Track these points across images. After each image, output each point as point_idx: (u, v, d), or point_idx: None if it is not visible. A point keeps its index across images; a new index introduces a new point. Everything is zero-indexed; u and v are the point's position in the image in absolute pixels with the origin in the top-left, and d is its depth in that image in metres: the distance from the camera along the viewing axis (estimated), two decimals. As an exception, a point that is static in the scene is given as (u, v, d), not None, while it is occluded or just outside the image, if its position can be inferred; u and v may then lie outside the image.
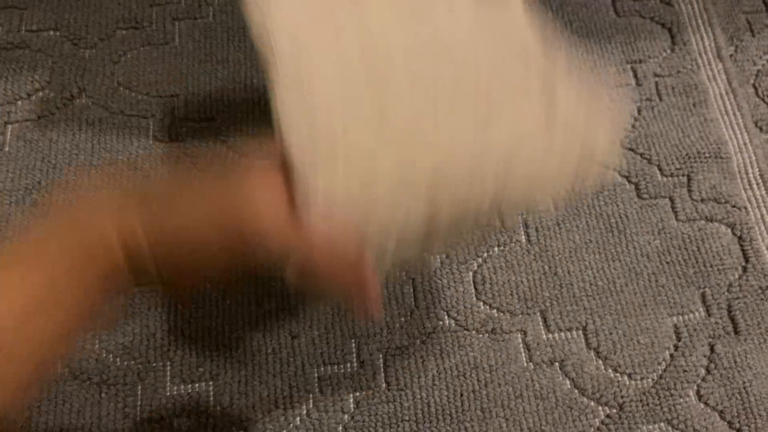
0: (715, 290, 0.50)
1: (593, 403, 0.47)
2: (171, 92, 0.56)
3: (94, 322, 0.30)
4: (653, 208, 0.53)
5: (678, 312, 0.50)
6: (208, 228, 0.30)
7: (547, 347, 0.48)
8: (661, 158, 0.55)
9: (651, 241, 0.52)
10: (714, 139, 0.56)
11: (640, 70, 0.59)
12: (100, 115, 0.55)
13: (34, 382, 0.28)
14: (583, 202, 0.53)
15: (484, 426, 0.46)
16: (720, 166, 0.55)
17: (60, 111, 0.55)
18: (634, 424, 0.46)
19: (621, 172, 0.55)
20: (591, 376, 0.47)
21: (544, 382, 0.47)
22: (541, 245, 0.52)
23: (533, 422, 0.46)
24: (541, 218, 0.52)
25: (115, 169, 0.53)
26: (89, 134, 0.54)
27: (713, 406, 0.47)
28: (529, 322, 0.49)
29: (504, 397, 0.47)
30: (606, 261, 0.51)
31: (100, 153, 0.54)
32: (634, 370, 0.48)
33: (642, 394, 0.47)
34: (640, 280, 0.51)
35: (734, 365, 0.48)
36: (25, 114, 0.55)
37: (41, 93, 0.56)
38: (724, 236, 0.52)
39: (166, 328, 0.48)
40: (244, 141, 0.54)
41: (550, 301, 0.50)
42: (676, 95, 0.58)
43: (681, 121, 0.57)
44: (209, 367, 0.47)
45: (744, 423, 0.46)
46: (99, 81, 0.56)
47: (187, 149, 0.54)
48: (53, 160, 0.53)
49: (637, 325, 0.49)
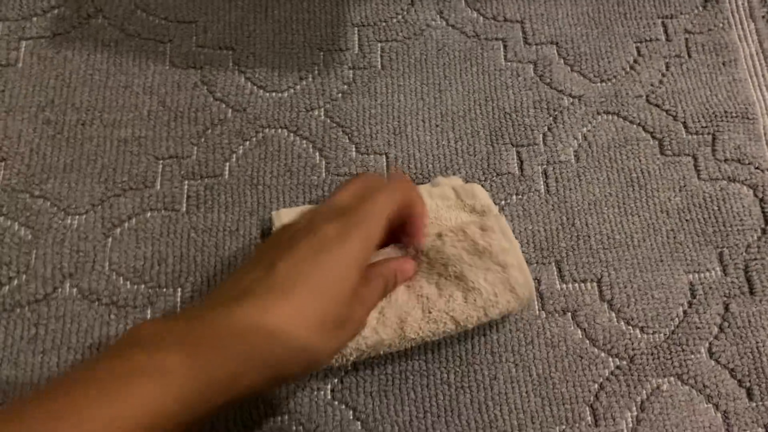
0: (732, 250, 0.50)
1: (603, 354, 0.47)
2: (190, 18, 0.55)
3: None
4: (676, 165, 0.52)
5: (694, 269, 0.49)
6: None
7: (560, 297, 0.48)
8: (687, 115, 0.54)
9: (671, 197, 0.51)
10: (741, 99, 0.55)
11: (671, 25, 0.58)
12: (117, 37, 0.53)
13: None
14: (605, 156, 0.52)
15: (493, 369, 0.45)
16: (746, 126, 0.54)
17: (75, 30, 0.53)
18: (644, 376, 0.46)
19: (646, 128, 0.53)
20: (603, 328, 0.47)
21: (555, 330, 0.47)
22: (560, 196, 0.51)
23: (542, 369, 0.46)
24: (561, 169, 0.51)
25: (130, 92, 0.52)
26: (105, 55, 0.53)
27: (724, 364, 0.46)
28: (544, 272, 0.49)
29: (515, 342, 0.46)
30: (625, 215, 0.51)
31: (116, 75, 0.52)
32: (646, 323, 0.47)
33: (653, 348, 0.47)
34: (658, 236, 0.50)
35: (748, 325, 0.48)
36: (40, 31, 0.53)
37: (57, 11, 0.54)
38: (745, 197, 0.52)
39: (178, 254, 0.47)
40: (263, 72, 0.53)
41: (567, 251, 0.49)
42: (706, 53, 0.57)
43: (709, 80, 0.56)
44: (220, 295, 0.46)
45: (755, 382, 0.46)
46: (116, 2, 0.54)
47: (204, 77, 0.53)
48: (67, 78, 0.52)
49: (652, 280, 0.49)
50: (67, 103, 0.51)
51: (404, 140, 0.52)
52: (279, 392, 0.44)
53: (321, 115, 0.52)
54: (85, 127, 0.50)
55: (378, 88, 0.54)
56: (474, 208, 0.46)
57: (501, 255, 0.42)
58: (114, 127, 0.50)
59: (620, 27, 0.57)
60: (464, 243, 0.42)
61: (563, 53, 0.56)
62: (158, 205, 0.48)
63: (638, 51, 0.56)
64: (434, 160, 0.51)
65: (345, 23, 0.56)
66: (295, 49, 0.54)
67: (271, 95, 0.53)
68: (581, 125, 0.53)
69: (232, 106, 0.52)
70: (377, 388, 0.44)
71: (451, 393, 0.45)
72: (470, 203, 0.46)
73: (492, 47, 0.56)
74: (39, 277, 0.45)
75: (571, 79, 0.55)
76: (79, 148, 0.50)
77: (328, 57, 0.54)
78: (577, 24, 0.57)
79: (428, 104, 0.53)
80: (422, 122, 0.53)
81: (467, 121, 0.53)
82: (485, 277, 0.42)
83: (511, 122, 0.53)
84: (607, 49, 0.56)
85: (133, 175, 0.49)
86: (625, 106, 0.54)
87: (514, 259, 0.42)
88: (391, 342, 0.41)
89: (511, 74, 0.55)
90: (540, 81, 0.55)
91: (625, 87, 0.55)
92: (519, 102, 0.54)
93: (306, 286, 0.30)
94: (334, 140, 0.52)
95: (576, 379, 0.46)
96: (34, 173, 0.48)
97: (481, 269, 0.42)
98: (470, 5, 0.57)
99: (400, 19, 0.56)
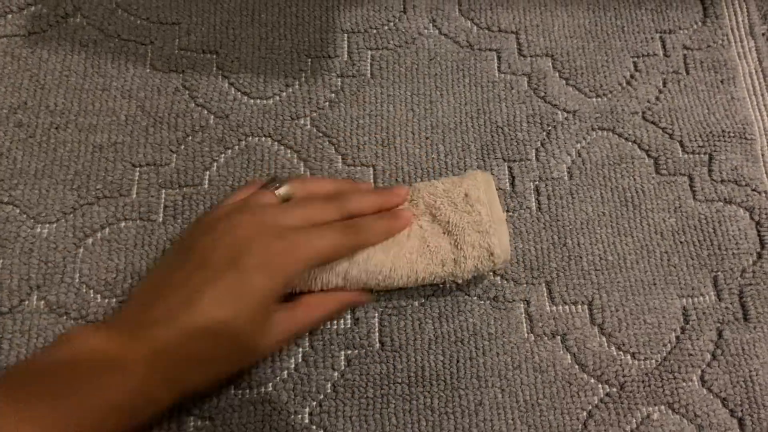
0: (727, 274, 0.48)
1: (593, 380, 0.45)
2: (173, 20, 0.52)
3: None
4: (671, 185, 0.51)
5: (688, 294, 0.48)
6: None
7: (549, 319, 0.46)
8: (683, 134, 0.52)
9: (666, 218, 0.50)
10: (740, 118, 0.54)
11: (669, 40, 0.56)
12: (95, 37, 0.51)
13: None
14: (599, 173, 0.51)
15: (479, 395, 0.44)
16: (744, 147, 0.53)
17: (52, 29, 0.51)
18: (634, 404, 0.44)
19: (641, 146, 0.52)
20: (593, 353, 0.45)
21: (544, 354, 0.45)
22: (551, 214, 0.49)
23: (530, 395, 0.44)
24: (554, 186, 0.50)
25: (107, 96, 0.49)
26: (82, 56, 0.50)
27: (716, 393, 0.45)
28: (534, 293, 0.47)
29: (502, 366, 0.45)
30: (618, 236, 0.49)
31: (93, 77, 0.50)
32: (638, 349, 0.46)
33: (644, 375, 0.45)
34: (651, 258, 0.49)
35: (741, 353, 0.46)
36: (14, 29, 0.51)
37: (33, 8, 0.51)
38: (741, 220, 0.50)
39: (152, 266, 0.45)
40: (248, 78, 0.51)
41: (557, 272, 0.48)
42: (704, 70, 0.55)
43: (707, 98, 0.54)
44: (195, 311, 0.44)
45: (747, 412, 0.45)
46: (96, 1, 0.52)
47: (186, 82, 0.51)
48: (42, 80, 0.49)
49: (644, 304, 0.47)
50: (41, 106, 0.49)
51: (392, 152, 0.50)
52: (254, 415, 0.42)
53: (307, 124, 0.51)
54: (59, 131, 0.48)
55: (367, 98, 0.52)
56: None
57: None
58: (89, 132, 0.48)
59: (617, 41, 0.56)
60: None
61: (558, 66, 0.54)
62: (133, 215, 0.46)
63: (635, 66, 0.55)
64: (423, 173, 0.50)
65: (334, 29, 0.54)
66: (281, 54, 0.52)
67: (255, 102, 0.51)
68: (575, 141, 0.52)
69: (214, 113, 0.50)
70: (357, 412, 0.43)
71: (435, 419, 0.43)
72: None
73: (485, 58, 0.54)
74: (5, 289, 0.43)
75: (566, 93, 0.53)
76: (52, 153, 0.47)
77: (315, 64, 0.53)
78: (573, 36, 0.56)
79: (418, 115, 0.52)
80: (412, 134, 0.51)
81: (458, 134, 0.51)
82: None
83: (504, 136, 0.51)
84: (604, 63, 0.55)
85: (108, 183, 0.47)
86: (621, 122, 0.53)
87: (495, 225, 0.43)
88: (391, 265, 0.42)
89: (505, 87, 0.53)
90: (534, 94, 0.53)
91: (621, 103, 0.53)
92: (512, 116, 0.52)
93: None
94: (320, 150, 0.50)
95: (564, 406, 0.44)
96: (3, 178, 0.46)
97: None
98: (464, 14, 0.56)
99: (391, 26, 0.55)
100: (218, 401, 0.42)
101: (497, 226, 0.43)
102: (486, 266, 0.43)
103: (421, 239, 0.42)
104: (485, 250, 0.42)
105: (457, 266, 0.42)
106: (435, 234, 0.42)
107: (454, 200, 0.43)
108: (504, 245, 0.42)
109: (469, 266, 0.42)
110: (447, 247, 0.42)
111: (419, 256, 0.42)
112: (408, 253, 0.42)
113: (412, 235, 0.42)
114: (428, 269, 0.42)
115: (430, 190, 0.44)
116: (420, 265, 0.42)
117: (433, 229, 0.43)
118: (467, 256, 0.42)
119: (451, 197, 0.43)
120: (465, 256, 0.42)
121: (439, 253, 0.42)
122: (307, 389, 0.43)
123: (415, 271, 0.42)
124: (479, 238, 0.42)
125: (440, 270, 0.42)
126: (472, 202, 0.43)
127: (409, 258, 0.42)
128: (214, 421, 0.41)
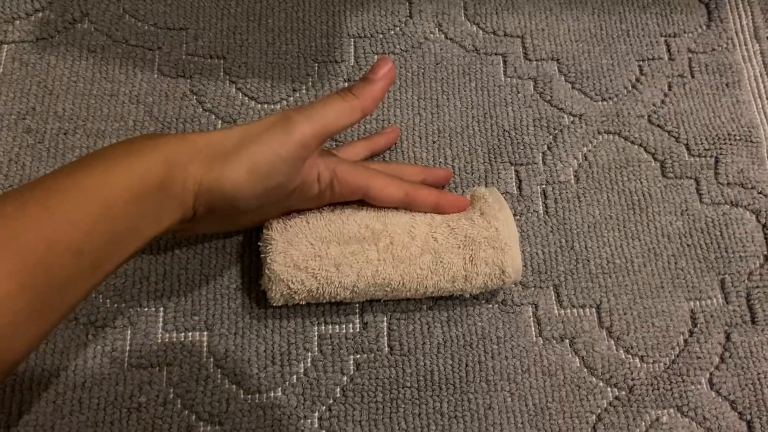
0: (735, 277, 0.48)
1: (602, 384, 0.45)
2: (180, 25, 0.53)
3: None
4: (678, 188, 0.51)
5: (696, 297, 0.48)
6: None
7: (558, 323, 0.46)
8: (689, 137, 0.53)
9: (673, 221, 0.50)
10: (745, 122, 0.54)
11: (674, 44, 0.56)
12: (103, 43, 0.51)
13: (81, 301, 0.32)
14: (606, 177, 0.51)
15: (488, 398, 0.44)
16: (749, 150, 0.53)
17: (60, 35, 0.51)
18: (643, 407, 0.44)
19: (647, 149, 0.52)
20: (602, 356, 0.46)
21: (552, 358, 0.45)
22: (559, 217, 0.49)
23: (539, 398, 0.44)
24: (561, 190, 0.50)
25: (115, 101, 0.50)
26: (90, 62, 0.51)
27: (725, 396, 0.45)
28: (542, 296, 0.47)
29: (510, 370, 0.45)
30: (625, 239, 0.49)
31: (101, 83, 0.50)
32: (646, 352, 0.46)
33: (653, 378, 0.45)
34: (659, 261, 0.49)
35: (749, 355, 0.46)
36: (22, 35, 0.51)
37: (41, 14, 0.52)
38: (748, 223, 0.50)
39: (161, 271, 0.45)
40: (255, 83, 0.51)
41: (565, 275, 0.48)
42: (709, 73, 0.56)
43: (712, 101, 0.54)
44: (204, 316, 0.44)
45: (755, 415, 0.45)
46: (104, 6, 0.52)
47: (193, 87, 0.51)
48: (50, 85, 0.49)
49: (652, 307, 0.47)
50: (49, 111, 0.49)
51: (400, 156, 0.50)
52: (264, 420, 0.42)
53: (314, 129, 0.51)
54: (68, 136, 0.48)
55: (373, 102, 0.52)
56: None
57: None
58: (98, 137, 0.48)
59: (623, 45, 0.56)
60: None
61: (564, 70, 0.54)
62: (142, 220, 0.46)
63: (641, 69, 0.55)
64: (430, 177, 0.50)
65: (341, 34, 0.54)
66: (288, 59, 0.53)
67: (263, 107, 0.51)
68: (582, 145, 0.52)
69: (222, 118, 0.50)
70: (367, 417, 0.43)
71: (444, 423, 0.43)
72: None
73: (491, 62, 0.54)
74: (14, 294, 0.43)
75: (572, 97, 0.54)
76: (61, 158, 0.47)
77: (322, 68, 0.53)
78: (578, 40, 0.56)
79: (425, 120, 0.52)
80: (419, 138, 0.51)
81: (465, 138, 0.51)
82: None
83: (510, 140, 0.51)
84: (609, 67, 0.55)
85: (117, 188, 0.47)
86: (627, 126, 0.53)
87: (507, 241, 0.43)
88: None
89: (511, 90, 0.53)
90: (540, 98, 0.53)
91: (627, 106, 0.53)
92: (518, 119, 0.52)
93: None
94: (327, 155, 0.50)
95: (573, 409, 0.44)
96: (13, 184, 0.46)
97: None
98: (470, 19, 0.56)
99: (397, 31, 0.55)
100: (228, 406, 0.42)
101: (512, 244, 0.43)
102: (495, 284, 0.43)
103: (435, 254, 0.42)
104: (498, 268, 0.42)
105: (467, 282, 0.42)
106: (449, 249, 0.42)
107: (471, 216, 0.43)
108: (516, 265, 0.43)
109: (479, 282, 0.42)
110: (460, 263, 0.42)
111: (431, 272, 0.42)
112: (419, 269, 0.42)
113: (425, 249, 0.42)
114: (438, 285, 0.42)
115: None
116: (430, 282, 0.42)
117: (448, 242, 0.43)
118: (479, 273, 0.42)
119: (467, 213, 0.44)
120: (477, 273, 0.42)
121: (452, 270, 0.42)
122: (316, 394, 0.43)
123: (424, 285, 0.42)
124: (493, 255, 0.42)
125: (450, 286, 0.42)
126: (489, 219, 0.43)
127: (419, 274, 0.42)
128: (223, 425, 0.41)
